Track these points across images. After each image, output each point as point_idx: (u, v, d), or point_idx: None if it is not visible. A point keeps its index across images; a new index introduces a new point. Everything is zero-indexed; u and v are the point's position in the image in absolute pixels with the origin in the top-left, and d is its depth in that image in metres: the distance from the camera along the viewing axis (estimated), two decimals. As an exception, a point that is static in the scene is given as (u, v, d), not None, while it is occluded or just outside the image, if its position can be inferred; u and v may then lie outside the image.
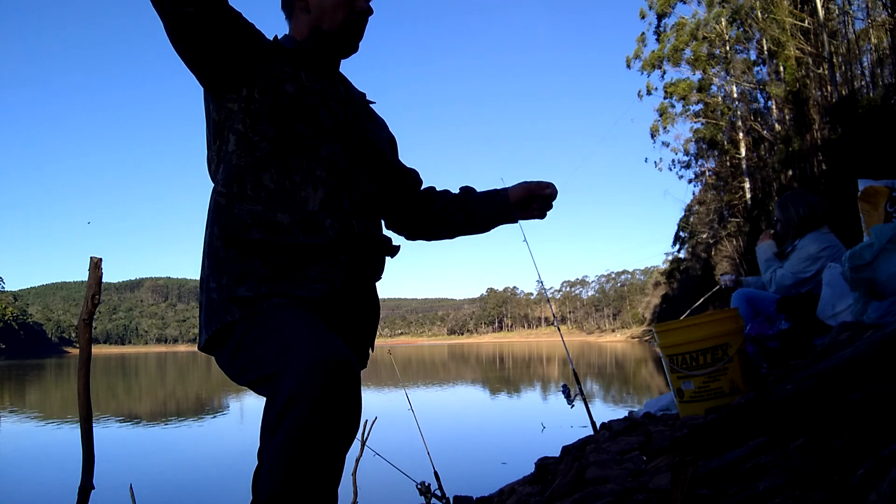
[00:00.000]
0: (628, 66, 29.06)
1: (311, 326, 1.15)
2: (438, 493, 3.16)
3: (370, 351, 1.46)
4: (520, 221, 1.59)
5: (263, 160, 1.26)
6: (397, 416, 4.90)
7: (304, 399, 1.03)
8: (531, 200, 1.51)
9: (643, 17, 28.13)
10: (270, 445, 1.06)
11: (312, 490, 1.05)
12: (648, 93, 28.34)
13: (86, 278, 1.73)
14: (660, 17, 27.26)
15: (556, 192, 1.49)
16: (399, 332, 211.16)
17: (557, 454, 2.87)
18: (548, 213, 1.52)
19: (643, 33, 28.44)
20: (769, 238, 3.78)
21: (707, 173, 30.56)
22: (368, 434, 3.68)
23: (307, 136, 1.29)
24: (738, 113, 26.15)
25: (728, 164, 28.02)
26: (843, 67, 19.47)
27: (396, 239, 1.52)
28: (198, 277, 1.32)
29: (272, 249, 1.22)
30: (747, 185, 25.80)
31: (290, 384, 1.05)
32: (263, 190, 1.24)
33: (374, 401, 10.74)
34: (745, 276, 3.99)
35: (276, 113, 1.26)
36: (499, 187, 1.57)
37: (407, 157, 1.60)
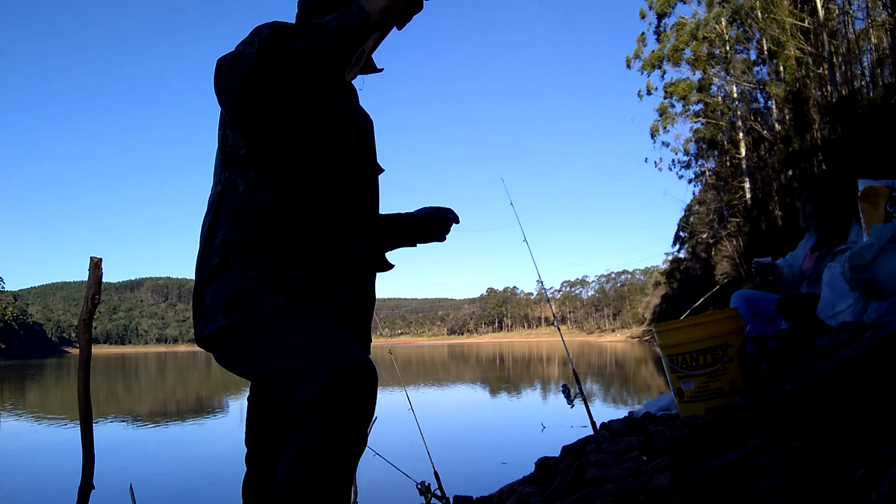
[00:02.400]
0: (628, 66, 29.11)
1: (339, 330, 1.17)
2: (438, 493, 3.16)
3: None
4: (518, 221, 1.63)
5: (313, 169, 1.27)
6: (397, 416, 4.90)
7: (332, 401, 1.05)
8: (434, 225, 1.61)
9: (643, 17, 28.17)
10: (291, 442, 1.07)
11: (328, 491, 1.07)
12: (648, 93, 28.38)
13: (86, 278, 1.74)
14: (660, 17, 27.28)
15: (457, 219, 1.60)
16: (399, 332, 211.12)
17: (557, 454, 2.87)
18: (446, 236, 1.63)
19: (643, 33, 28.52)
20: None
21: (707, 173, 30.57)
22: (368, 434, 3.67)
23: (352, 151, 1.33)
24: (738, 113, 26.15)
25: (728, 164, 28.02)
26: (843, 67, 19.47)
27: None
28: (198, 277, 1.30)
29: (315, 258, 1.24)
30: (747, 185, 25.80)
31: (318, 384, 1.05)
32: (312, 198, 1.25)
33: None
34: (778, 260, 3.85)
35: (330, 126, 1.28)
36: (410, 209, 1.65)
37: (406, 157, 1.61)
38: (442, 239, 1.64)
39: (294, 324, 1.16)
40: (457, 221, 1.62)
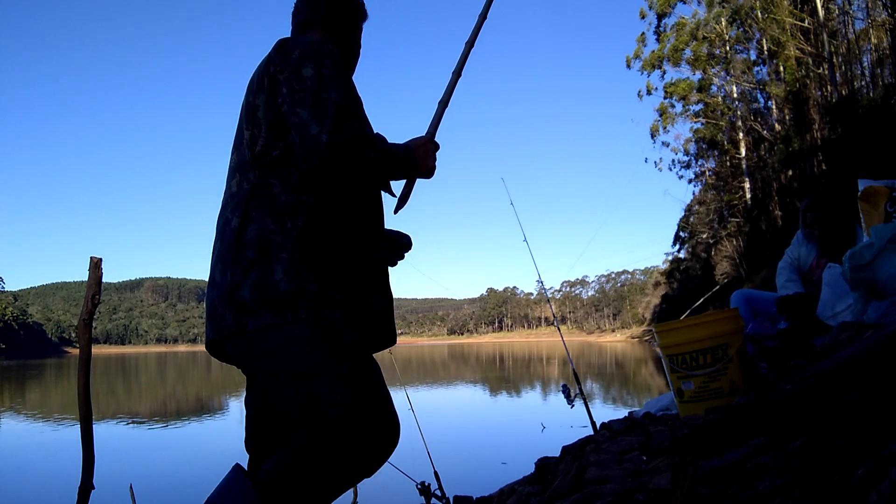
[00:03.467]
0: (628, 67, 29.12)
1: (381, 379, 1.26)
2: (438, 493, 3.16)
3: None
4: (519, 220, 1.65)
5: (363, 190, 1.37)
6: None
7: (344, 434, 1.15)
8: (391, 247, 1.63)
9: (643, 17, 28.17)
10: (294, 440, 1.17)
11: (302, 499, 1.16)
12: (648, 93, 28.39)
13: (86, 278, 1.74)
14: (660, 17, 27.28)
15: (410, 245, 1.63)
16: (399, 332, 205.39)
17: (557, 454, 2.87)
18: (398, 261, 1.65)
19: (643, 33, 28.52)
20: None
21: (707, 173, 30.57)
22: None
23: None
24: (738, 113, 26.16)
25: (728, 164, 28.03)
26: (843, 67, 19.47)
27: None
28: (198, 278, 1.32)
29: (356, 257, 1.30)
30: (747, 185, 25.81)
31: (337, 410, 1.15)
32: (346, 201, 1.32)
33: (374, 401, 10.72)
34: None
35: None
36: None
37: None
38: (394, 264, 1.61)
39: (346, 350, 1.21)
40: (410, 248, 1.62)
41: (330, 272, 1.24)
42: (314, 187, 1.27)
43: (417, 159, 1.37)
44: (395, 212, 1.45)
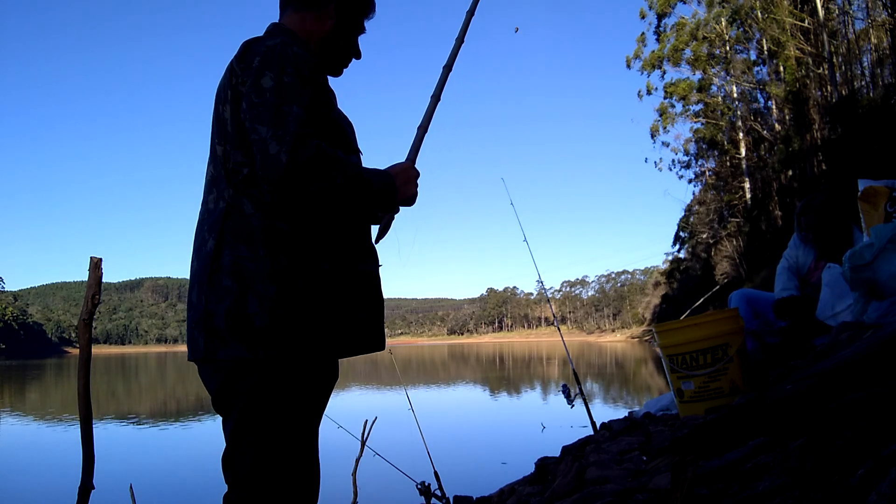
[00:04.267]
0: (628, 67, 29.11)
1: (315, 448, 1.28)
2: (438, 493, 3.16)
3: None
4: (519, 220, 1.63)
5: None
6: (397, 416, 4.90)
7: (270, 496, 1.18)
8: None
9: (643, 17, 28.17)
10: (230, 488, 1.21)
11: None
12: (648, 93, 28.39)
13: (86, 278, 1.74)
14: (660, 17, 27.28)
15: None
16: (399, 332, 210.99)
17: (557, 454, 2.87)
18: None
19: (643, 33, 28.52)
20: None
21: (707, 173, 30.57)
22: (368, 434, 3.67)
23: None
24: (738, 113, 26.15)
25: (728, 164, 28.02)
26: (843, 67, 19.46)
27: None
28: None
29: (338, 278, 1.24)
30: (747, 185, 25.80)
31: (257, 475, 1.18)
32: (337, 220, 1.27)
33: (374, 401, 10.74)
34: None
35: (330, 140, 1.25)
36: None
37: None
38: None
39: (301, 412, 1.21)
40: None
41: (308, 302, 1.19)
42: (287, 210, 1.20)
43: (397, 187, 1.27)
44: (376, 241, 1.37)
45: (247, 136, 1.19)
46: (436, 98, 1.51)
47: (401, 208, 1.35)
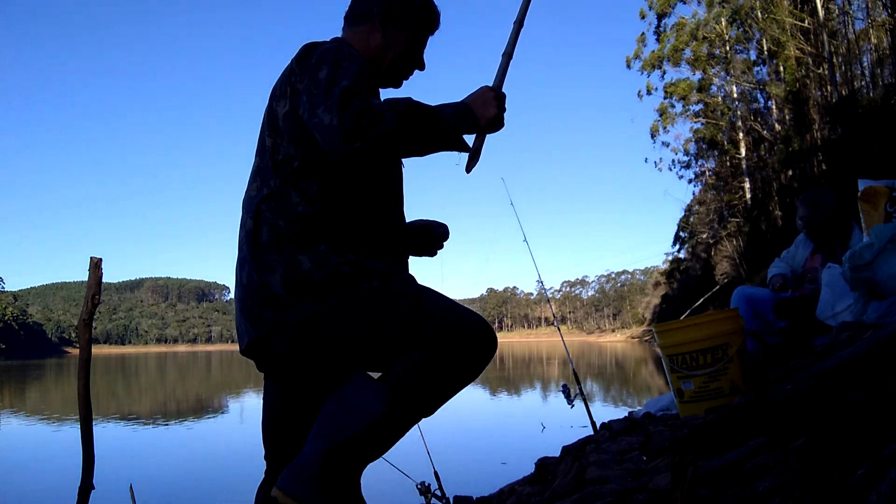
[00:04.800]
0: (628, 67, 29.09)
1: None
2: (438, 493, 3.15)
3: None
4: (519, 220, 1.64)
5: (363, 186, 1.33)
6: (397, 416, 4.88)
7: (456, 340, 1.20)
8: (426, 239, 1.60)
9: (643, 18, 28.15)
10: (398, 362, 1.21)
11: (426, 405, 1.26)
12: (648, 93, 28.37)
13: (86, 278, 1.74)
14: (660, 17, 27.26)
15: (448, 234, 1.60)
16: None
17: (557, 454, 2.87)
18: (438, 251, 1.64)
19: (643, 33, 28.48)
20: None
21: (707, 173, 30.56)
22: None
23: (393, 170, 1.41)
24: (738, 113, 26.15)
25: (728, 164, 28.02)
26: (843, 67, 19.46)
27: None
28: (197, 278, 1.33)
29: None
30: (747, 185, 25.80)
31: (449, 326, 1.20)
32: (365, 217, 1.31)
33: (374, 401, 10.70)
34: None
35: None
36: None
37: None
38: (433, 254, 1.62)
39: (404, 299, 1.24)
40: (447, 238, 1.61)
41: (364, 255, 1.27)
42: (332, 203, 1.27)
43: (474, 110, 1.28)
44: (468, 170, 1.35)
45: (301, 131, 1.26)
46: (519, 23, 1.51)
47: (487, 135, 1.36)
